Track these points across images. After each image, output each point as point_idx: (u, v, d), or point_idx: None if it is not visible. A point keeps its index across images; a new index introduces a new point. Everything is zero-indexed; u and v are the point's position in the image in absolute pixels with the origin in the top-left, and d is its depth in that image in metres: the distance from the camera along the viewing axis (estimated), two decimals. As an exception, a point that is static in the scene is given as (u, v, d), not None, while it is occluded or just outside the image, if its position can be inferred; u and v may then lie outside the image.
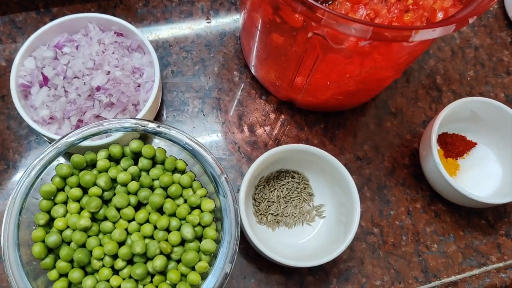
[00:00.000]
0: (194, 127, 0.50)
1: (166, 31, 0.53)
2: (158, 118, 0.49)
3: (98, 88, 0.43)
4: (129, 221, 0.37)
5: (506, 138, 0.49)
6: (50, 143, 0.39)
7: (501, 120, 0.48)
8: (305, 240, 0.46)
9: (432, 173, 0.46)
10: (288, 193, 0.47)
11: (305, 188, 0.47)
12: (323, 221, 0.47)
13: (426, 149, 0.46)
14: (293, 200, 0.47)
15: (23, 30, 0.51)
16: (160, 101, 0.49)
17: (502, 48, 0.57)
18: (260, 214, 0.46)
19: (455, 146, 0.50)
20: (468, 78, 0.55)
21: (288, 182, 0.47)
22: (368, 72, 0.39)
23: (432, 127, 0.46)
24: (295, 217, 0.46)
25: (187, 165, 0.40)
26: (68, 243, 0.37)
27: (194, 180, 0.40)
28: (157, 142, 0.40)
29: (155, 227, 0.37)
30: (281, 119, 0.51)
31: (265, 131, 0.51)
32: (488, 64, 0.56)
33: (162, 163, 0.40)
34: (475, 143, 0.51)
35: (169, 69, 0.52)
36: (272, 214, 0.46)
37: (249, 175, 0.42)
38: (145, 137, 0.40)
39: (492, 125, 0.49)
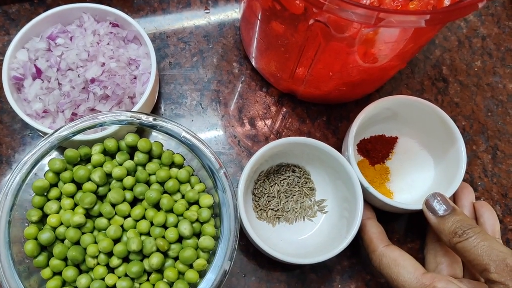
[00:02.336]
0: (192, 121, 0.48)
1: (163, 22, 0.52)
2: (155, 111, 0.48)
3: (92, 80, 0.42)
4: (125, 218, 0.36)
5: (425, 126, 0.46)
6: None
7: (418, 111, 0.45)
8: (306, 236, 0.44)
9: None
10: (289, 187, 0.45)
11: (306, 182, 0.46)
12: (325, 217, 0.45)
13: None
14: (294, 195, 0.45)
15: (16, 22, 0.50)
16: (157, 93, 0.47)
17: (510, 37, 0.55)
18: (260, 210, 0.45)
19: (377, 150, 0.47)
20: (475, 69, 0.54)
21: (288, 176, 0.46)
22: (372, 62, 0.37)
23: (347, 140, 0.42)
24: (296, 212, 0.45)
25: (185, 159, 0.39)
26: (62, 241, 0.36)
27: (192, 174, 0.39)
28: (154, 136, 0.39)
29: (152, 224, 0.36)
30: (282, 112, 0.50)
31: (265, 124, 0.49)
32: (496, 54, 0.54)
33: (159, 157, 0.38)
34: (396, 137, 0.48)
35: (167, 61, 0.50)
36: (272, 209, 0.45)
37: (248, 169, 0.40)
38: (141, 131, 0.39)
39: (410, 118, 0.46)
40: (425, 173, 0.47)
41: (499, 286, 0.32)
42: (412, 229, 0.47)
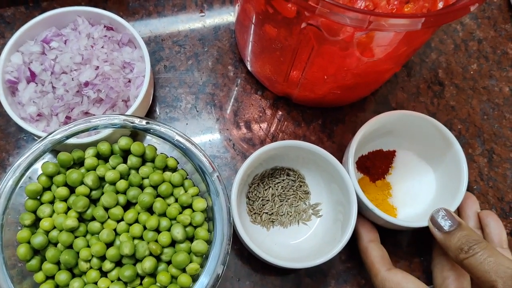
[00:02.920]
0: (187, 124, 0.48)
1: (158, 25, 0.52)
2: (150, 114, 0.48)
3: (86, 84, 0.41)
4: (118, 221, 0.36)
5: (422, 137, 0.46)
6: (37, 141, 0.38)
7: (414, 124, 0.45)
8: (301, 240, 0.44)
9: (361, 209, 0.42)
10: (283, 191, 0.45)
11: (301, 186, 0.46)
12: (320, 220, 0.45)
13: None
14: (288, 199, 0.45)
15: (11, 25, 0.50)
16: (151, 97, 0.47)
17: (506, 40, 0.55)
18: (254, 213, 0.45)
19: (377, 166, 0.46)
20: (472, 72, 0.53)
21: (283, 180, 0.46)
22: (365, 65, 0.37)
23: (348, 158, 0.42)
24: (290, 216, 0.45)
25: (178, 163, 0.39)
26: (55, 244, 0.35)
27: (186, 178, 0.39)
28: (149, 140, 0.39)
29: (145, 228, 0.36)
30: (277, 115, 0.50)
31: (261, 127, 0.49)
32: (492, 57, 0.54)
33: (152, 161, 0.38)
34: (394, 151, 0.48)
35: (162, 64, 0.50)
36: (266, 213, 0.45)
37: (242, 172, 0.40)
38: (135, 134, 0.39)
39: (406, 131, 0.46)
40: (427, 185, 0.46)
41: None
42: (415, 241, 0.47)
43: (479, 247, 0.34)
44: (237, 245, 0.44)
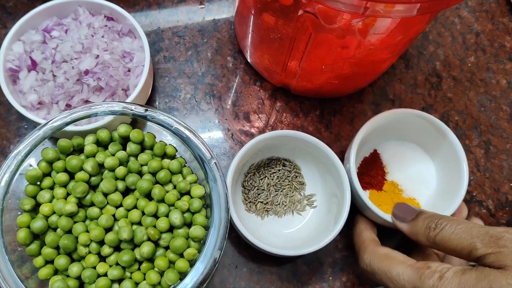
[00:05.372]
0: (186, 114, 0.49)
1: (158, 16, 0.52)
2: (149, 104, 0.48)
3: (86, 72, 0.42)
4: (117, 207, 0.36)
5: (409, 129, 0.46)
6: (38, 129, 0.38)
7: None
8: (294, 230, 0.44)
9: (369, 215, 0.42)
10: (279, 181, 0.46)
11: (296, 176, 0.46)
12: (314, 211, 0.45)
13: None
14: (283, 189, 0.45)
15: (13, 15, 0.50)
16: (151, 86, 0.48)
17: (504, 33, 0.56)
18: (249, 202, 0.45)
19: (373, 175, 0.46)
20: (469, 64, 0.54)
21: (279, 170, 0.46)
22: (362, 54, 0.38)
23: (352, 181, 0.41)
24: (285, 206, 0.45)
25: (177, 151, 0.40)
26: (54, 229, 0.36)
27: (185, 166, 0.39)
28: (149, 128, 0.39)
29: (143, 213, 0.36)
30: (276, 106, 0.50)
31: (259, 117, 0.50)
32: (489, 50, 0.55)
33: (151, 148, 0.39)
34: (375, 150, 0.47)
35: (161, 55, 0.50)
36: (261, 202, 0.45)
37: (237, 161, 0.41)
38: (135, 123, 0.39)
39: (387, 129, 0.46)
40: (424, 164, 0.47)
41: (489, 257, 0.31)
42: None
43: (445, 220, 0.34)
44: (235, 233, 0.44)
